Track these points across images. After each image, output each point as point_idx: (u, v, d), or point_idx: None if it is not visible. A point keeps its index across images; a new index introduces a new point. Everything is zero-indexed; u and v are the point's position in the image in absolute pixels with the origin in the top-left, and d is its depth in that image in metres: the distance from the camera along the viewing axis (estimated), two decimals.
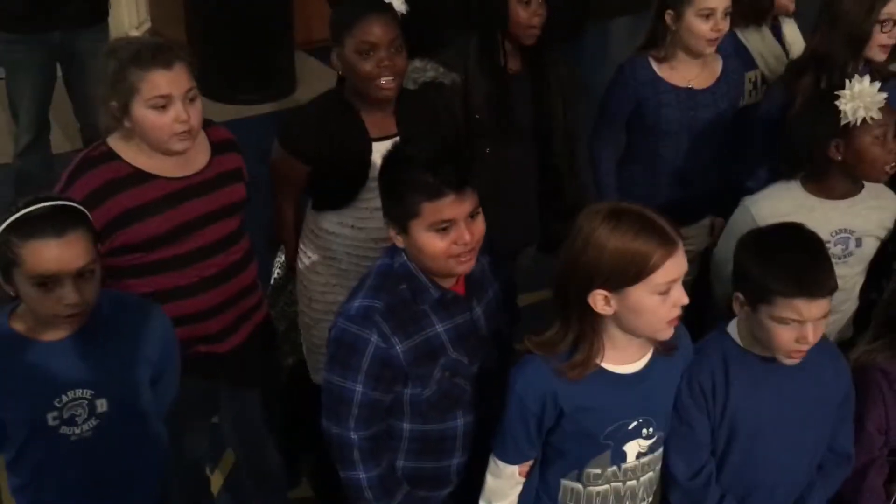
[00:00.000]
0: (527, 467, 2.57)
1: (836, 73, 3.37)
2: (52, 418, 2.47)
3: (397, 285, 2.49)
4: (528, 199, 3.72)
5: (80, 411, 2.49)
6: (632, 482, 2.55)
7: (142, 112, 2.75)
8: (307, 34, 7.12)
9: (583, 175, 3.83)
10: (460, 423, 2.61)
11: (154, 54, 2.74)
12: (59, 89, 4.97)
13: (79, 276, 2.37)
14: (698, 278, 3.64)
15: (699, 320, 3.48)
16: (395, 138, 3.08)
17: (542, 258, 3.83)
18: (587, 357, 2.39)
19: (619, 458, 2.50)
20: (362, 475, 2.54)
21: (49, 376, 2.46)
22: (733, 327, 2.63)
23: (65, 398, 2.47)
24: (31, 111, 4.82)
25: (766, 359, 2.57)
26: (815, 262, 2.49)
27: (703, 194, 3.72)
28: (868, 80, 2.96)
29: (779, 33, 3.92)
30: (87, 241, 2.39)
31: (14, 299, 2.46)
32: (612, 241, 2.28)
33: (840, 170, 3.06)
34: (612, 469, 2.51)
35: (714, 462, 2.64)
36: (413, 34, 3.16)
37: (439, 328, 2.52)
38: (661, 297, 2.30)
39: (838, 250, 3.08)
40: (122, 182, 2.80)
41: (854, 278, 3.19)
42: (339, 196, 3.20)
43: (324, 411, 2.54)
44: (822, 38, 3.50)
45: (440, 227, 2.39)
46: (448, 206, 2.38)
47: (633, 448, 2.51)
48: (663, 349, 2.48)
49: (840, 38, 3.44)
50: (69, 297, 2.36)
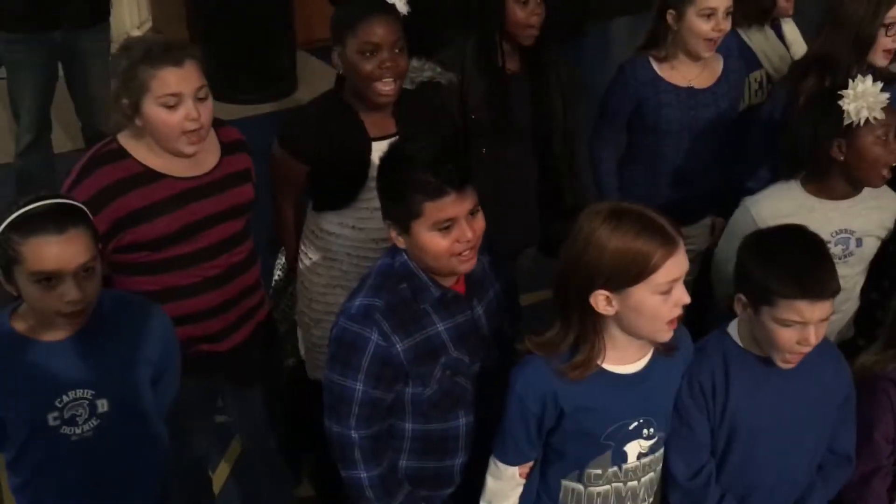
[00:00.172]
0: (527, 468, 2.57)
1: (840, 76, 3.36)
2: (52, 418, 2.47)
3: (398, 284, 2.49)
4: (527, 199, 3.72)
5: (80, 411, 2.49)
6: (633, 483, 2.55)
7: (152, 110, 2.76)
8: (308, 33, 7.13)
9: (583, 175, 3.83)
10: (462, 422, 2.62)
11: (165, 52, 2.74)
12: (61, 89, 4.97)
13: (80, 272, 2.36)
14: (699, 278, 3.64)
15: (700, 320, 3.48)
16: (394, 138, 3.08)
17: (543, 258, 3.83)
18: (588, 358, 2.39)
19: (620, 458, 2.50)
20: (363, 474, 2.54)
21: (50, 376, 2.46)
22: (734, 328, 2.63)
23: (65, 398, 2.47)
24: (33, 111, 4.82)
25: (767, 359, 2.56)
26: (818, 264, 2.49)
27: (703, 194, 3.72)
28: (871, 80, 2.95)
29: (779, 33, 3.92)
30: (88, 238, 2.39)
31: (15, 299, 2.47)
32: (613, 241, 2.27)
33: (841, 170, 3.05)
34: (613, 469, 2.51)
35: (714, 462, 2.64)
36: (412, 34, 3.16)
37: (440, 327, 2.52)
38: (662, 297, 2.30)
39: (839, 250, 3.07)
40: (132, 181, 2.81)
41: (854, 278, 3.19)
42: (338, 196, 3.19)
43: (325, 410, 2.55)
44: (827, 40, 3.49)
45: (443, 225, 2.39)
46: (450, 205, 2.38)
47: (633, 448, 2.50)
48: (664, 349, 2.47)
49: (845, 41, 3.43)
50: (70, 293, 2.35)
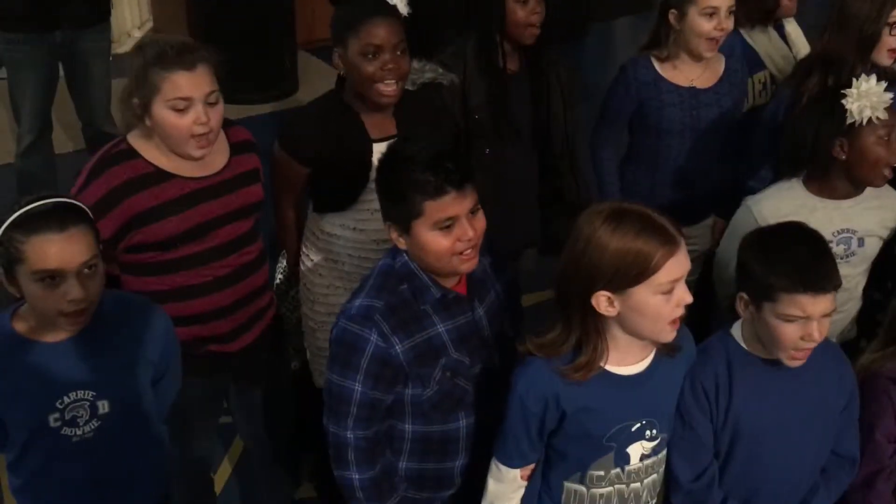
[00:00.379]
0: (528, 471, 2.56)
1: (844, 75, 3.36)
2: (53, 420, 2.47)
3: (398, 285, 2.49)
4: (528, 199, 3.71)
5: (81, 413, 2.49)
6: (635, 484, 2.55)
7: (161, 112, 2.76)
8: (309, 33, 7.13)
9: (584, 174, 3.82)
10: (462, 424, 2.61)
11: (178, 55, 2.74)
12: (61, 89, 4.97)
13: (82, 271, 2.36)
14: (701, 279, 3.64)
15: (702, 321, 3.48)
16: (394, 139, 3.07)
17: (544, 258, 3.82)
18: (591, 359, 2.38)
19: (623, 460, 2.50)
20: (355, 476, 2.55)
21: (51, 378, 2.45)
22: (737, 329, 2.62)
23: (66, 399, 2.47)
24: (33, 111, 4.82)
25: (770, 361, 2.55)
26: (818, 258, 2.49)
27: (705, 194, 3.71)
28: (875, 80, 2.95)
29: (782, 34, 3.91)
30: (90, 236, 2.39)
31: (16, 300, 2.46)
32: (614, 241, 2.27)
33: (842, 169, 3.05)
34: (616, 471, 2.51)
35: (717, 464, 2.63)
36: (413, 35, 3.15)
37: (440, 328, 2.51)
38: (664, 297, 2.29)
39: (840, 250, 3.07)
40: (141, 181, 2.81)
41: (856, 278, 3.18)
42: (340, 198, 3.19)
43: (324, 410, 2.55)
44: (831, 40, 3.49)
45: (443, 224, 2.39)
46: (450, 204, 2.38)
47: (636, 450, 2.50)
48: (666, 350, 2.47)
49: (849, 40, 3.43)
50: (73, 292, 2.35)
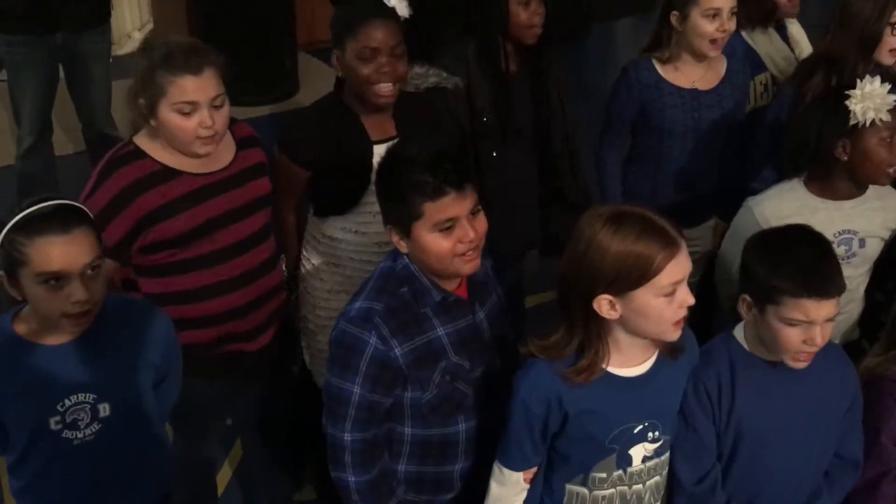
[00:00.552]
0: (531, 474, 2.56)
1: (847, 74, 3.36)
2: (54, 422, 2.47)
3: (398, 287, 2.49)
4: (529, 200, 3.71)
5: (82, 416, 2.49)
6: (638, 486, 2.54)
7: (167, 115, 2.78)
8: (310, 34, 7.12)
9: (584, 174, 3.81)
10: (462, 427, 2.60)
11: (185, 58, 2.75)
12: (62, 91, 4.96)
13: (86, 272, 2.36)
14: (703, 280, 3.63)
15: (704, 322, 3.47)
16: (395, 140, 3.08)
17: (546, 260, 3.81)
18: (593, 362, 2.37)
19: (625, 462, 2.49)
20: (352, 478, 2.55)
21: (52, 380, 2.45)
22: (739, 331, 2.62)
23: (67, 402, 2.46)
24: (34, 113, 4.81)
25: (773, 363, 2.55)
26: (823, 262, 2.49)
27: (707, 196, 3.71)
28: (878, 81, 2.95)
29: (784, 35, 3.90)
30: (92, 237, 2.39)
31: (17, 303, 2.46)
32: (615, 244, 2.26)
33: (845, 170, 3.04)
34: (618, 473, 2.50)
35: (720, 467, 2.62)
36: (413, 38, 3.15)
37: (440, 331, 2.51)
38: (666, 299, 2.29)
39: (842, 251, 3.06)
40: (150, 179, 2.83)
41: (858, 279, 3.18)
42: (340, 201, 3.18)
43: (323, 411, 2.55)
44: (834, 39, 3.50)
45: (444, 226, 2.38)
46: (450, 205, 2.37)
47: (638, 452, 2.49)
48: (668, 352, 2.46)
49: (851, 39, 3.43)
50: (77, 293, 2.35)
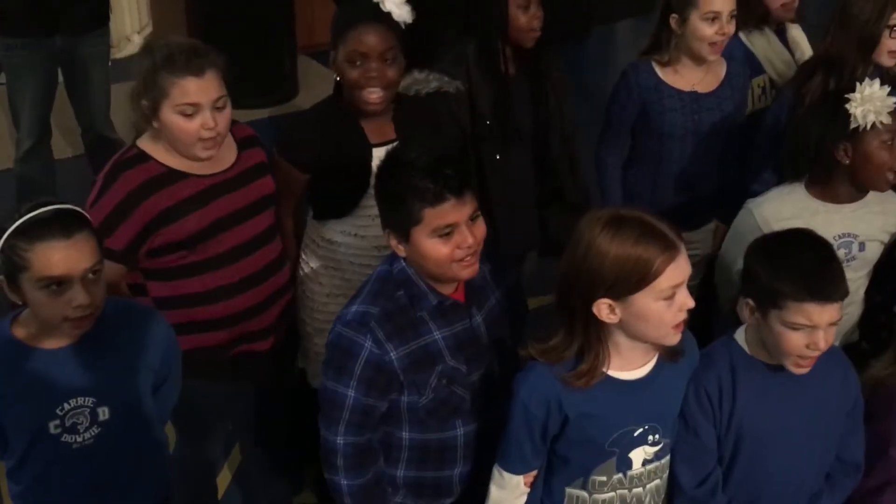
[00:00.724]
0: (531, 477, 2.55)
1: (846, 76, 3.36)
2: (53, 426, 2.47)
3: (395, 291, 2.49)
4: (528, 201, 3.70)
5: (81, 419, 2.49)
6: (638, 489, 2.54)
7: (169, 116, 2.78)
8: (309, 37, 7.11)
9: (584, 174, 3.80)
10: (460, 432, 2.60)
11: (187, 60, 2.75)
12: (60, 94, 4.95)
13: (87, 276, 2.36)
14: (702, 283, 3.63)
15: (704, 325, 3.47)
16: (395, 143, 3.07)
17: (545, 261, 3.81)
18: (593, 366, 2.37)
19: (625, 465, 2.49)
20: (344, 482, 2.55)
21: (51, 384, 2.45)
22: (741, 334, 2.61)
23: (66, 406, 2.46)
24: (33, 116, 4.81)
25: (774, 366, 2.55)
26: (826, 266, 2.48)
27: (707, 198, 3.71)
28: (878, 84, 2.95)
29: (784, 38, 3.90)
30: (93, 241, 2.39)
31: (16, 307, 2.46)
32: (614, 248, 2.26)
33: (845, 174, 3.04)
34: (618, 476, 2.50)
35: (721, 470, 2.62)
36: (412, 41, 3.13)
37: (437, 335, 2.51)
38: (666, 303, 2.29)
39: (841, 254, 3.05)
40: (156, 182, 2.84)
41: (858, 282, 3.18)
42: (340, 204, 3.18)
43: (319, 414, 2.55)
44: (833, 40, 3.50)
45: (443, 232, 2.38)
46: (450, 211, 2.37)
47: (638, 455, 2.49)
48: (668, 355, 2.46)
49: (850, 41, 3.43)
50: (79, 298, 2.35)
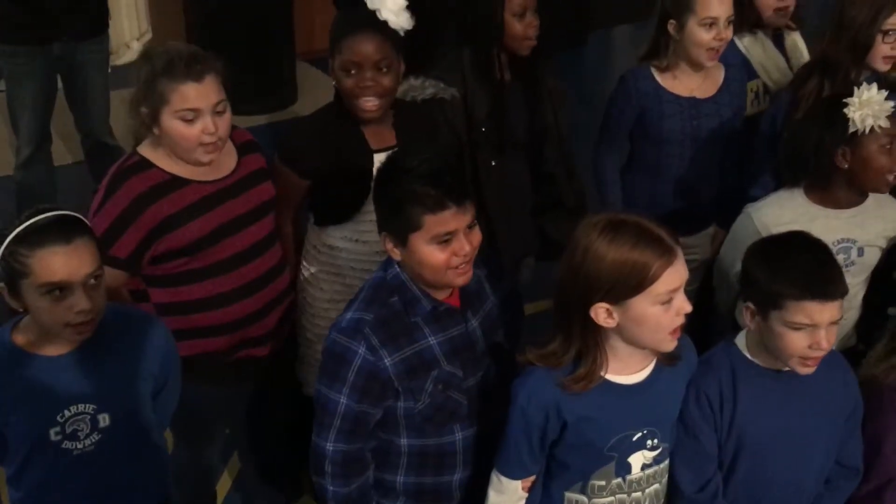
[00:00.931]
0: (529, 482, 2.56)
1: (840, 80, 3.37)
2: (54, 433, 2.47)
3: (389, 297, 2.49)
4: (524, 208, 3.70)
5: (82, 426, 2.49)
6: (637, 494, 2.54)
7: (170, 122, 2.79)
8: (308, 43, 7.12)
9: (580, 180, 3.80)
10: (458, 437, 2.60)
11: (187, 66, 2.76)
12: (60, 100, 4.95)
13: (88, 282, 2.37)
14: (701, 288, 3.63)
15: (703, 330, 3.47)
16: (394, 148, 3.08)
17: (543, 266, 3.81)
18: (590, 371, 2.38)
19: (624, 469, 2.49)
20: (329, 488, 2.56)
21: (51, 391, 2.45)
22: (741, 339, 2.61)
23: (67, 413, 2.47)
24: (32, 123, 4.81)
25: (774, 371, 2.55)
26: (824, 265, 2.49)
27: (706, 203, 3.71)
28: (876, 88, 2.95)
29: (781, 44, 3.90)
30: (93, 247, 2.40)
31: (15, 314, 2.46)
32: (611, 253, 2.27)
33: (844, 178, 3.04)
34: (617, 481, 2.50)
35: (721, 475, 2.62)
36: (410, 47, 3.14)
37: (432, 341, 2.51)
38: (663, 307, 2.30)
39: (840, 259, 3.05)
40: (160, 189, 2.84)
41: (856, 287, 3.17)
42: (341, 209, 3.18)
43: (314, 419, 2.56)
44: (829, 44, 3.50)
45: (442, 239, 2.39)
46: (450, 219, 2.38)
47: (637, 459, 2.50)
48: (666, 360, 2.47)
49: (844, 45, 3.44)
50: (80, 303, 2.36)
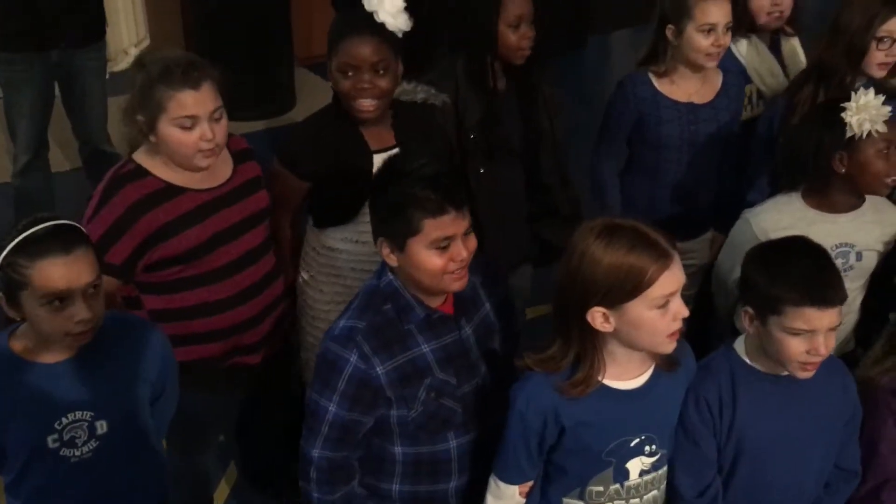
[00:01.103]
0: (527, 487, 2.56)
1: (835, 86, 3.37)
2: (52, 441, 2.47)
3: (382, 304, 2.49)
4: (518, 215, 3.69)
5: (80, 433, 2.49)
6: (635, 500, 2.54)
7: (168, 130, 2.79)
8: (307, 49, 7.12)
9: (574, 188, 3.80)
10: (453, 444, 2.59)
11: (183, 74, 2.75)
12: (58, 107, 4.94)
13: (88, 291, 2.37)
14: (699, 293, 3.63)
15: (701, 335, 3.47)
16: (395, 150, 3.09)
17: (539, 273, 3.81)
18: (588, 375, 2.38)
19: (622, 475, 2.49)
20: (315, 495, 2.56)
21: (49, 399, 2.45)
22: (740, 344, 2.61)
23: (65, 420, 2.46)
24: (30, 130, 4.80)
25: (774, 375, 2.55)
26: (824, 270, 2.49)
27: (704, 208, 3.71)
28: (872, 93, 2.95)
29: (778, 49, 3.90)
30: (92, 256, 2.40)
31: (11, 322, 2.46)
32: (607, 257, 2.27)
33: (842, 182, 3.04)
34: (615, 487, 2.50)
35: (720, 479, 2.62)
36: (408, 50, 3.14)
37: (425, 348, 2.50)
38: (659, 311, 2.30)
39: (839, 264, 3.04)
40: (155, 197, 2.84)
41: (854, 292, 3.17)
42: (341, 211, 3.18)
43: (304, 424, 2.56)
44: (825, 50, 3.51)
45: (441, 244, 2.39)
46: (449, 224, 2.38)
47: (635, 465, 2.49)
48: (665, 365, 2.46)
49: (840, 50, 3.44)
50: (81, 313, 2.36)
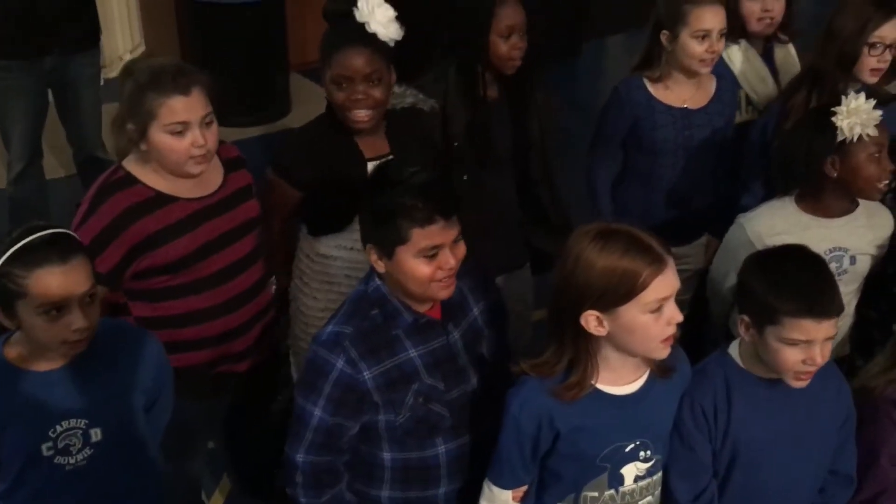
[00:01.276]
0: (521, 493, 2.55)
1: (828, 91, 3.38)
2: (46, 449, 2.46)
3: (370, 310, 2.49)
4: (508, 223, 3.69)
5: (74, 441, 2.48)
6: None
7: (159, 137, 2.78)
8: (302, 55, 7.11)
9: (564, 197, 3.80)
10: (441, 450, 2.58)
11: (173, 80, 2.75)
12: (51, 114, 4.94)
13: (84, 300, 2.37)
14: (694, 298, 3.63)
15: (697, 340, 3.47)
16: (388, 157, 3.09)
17: (535, 279, 3.81)
18: (581, 379, 2.38)
19: (617, 481, 2.49)
20: (301, 500, 2.56)
21: (44, 406, 2.44)
22: (734, 349, 2.61)
23: (59, 428, 2.46)
24: (24, 138, 4.78)
25: (768, 381, 2.55)
26: (822, 282, 2.49)
27: (699, 213, 3.72)
28: (863, 97, 2.96)
29: (771, 56, 3.90)
30: (87, 265, 2.39)
31: (5, 331, 2.45)
32: (601, 261, 2.28)
33: (835, 187, 3.05)
34: (610, 492, 2.50)
35: (715, 484, 2.62)
36: (400, 54, 3.14)
37: (412, 353, 2.50)
38: (653, 316, 2.30)
39: (833, 268, 3.04)
40: (145, 206, 2.83)
41: (849, 296, 3.17)
42: (336, 218, 3.18)
43: (289, 429, 2.56)
44: (818, 55, 3.51)
45: (429, 253, 2.39)
46: (437, 233, 2.38)
47: (630, 471, 2.49)
48: (660, 371, 2.46)
49: (832, 56, 3.45)
50: (78, 322, 2.36)
